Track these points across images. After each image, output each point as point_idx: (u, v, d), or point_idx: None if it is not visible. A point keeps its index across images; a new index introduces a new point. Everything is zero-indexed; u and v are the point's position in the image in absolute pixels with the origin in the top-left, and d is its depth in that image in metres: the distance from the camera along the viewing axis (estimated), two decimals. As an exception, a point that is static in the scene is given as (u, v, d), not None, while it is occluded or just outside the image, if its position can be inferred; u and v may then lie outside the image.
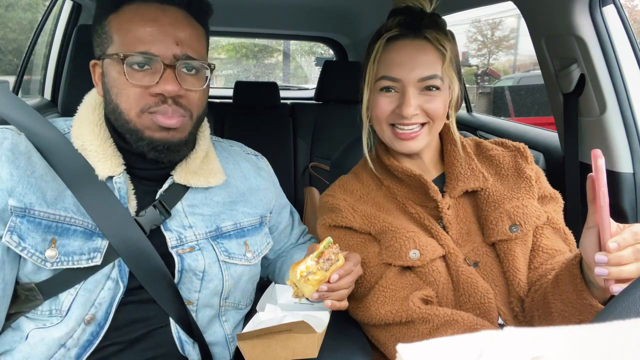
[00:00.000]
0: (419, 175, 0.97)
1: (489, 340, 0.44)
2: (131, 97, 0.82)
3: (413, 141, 0.95)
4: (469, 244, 0.96)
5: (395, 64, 0.92)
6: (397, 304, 0.90)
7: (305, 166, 2.67)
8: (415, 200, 0.99)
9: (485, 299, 0.90)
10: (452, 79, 0.94)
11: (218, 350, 0.96)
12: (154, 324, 0.88)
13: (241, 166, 1.05)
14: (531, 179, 0.98)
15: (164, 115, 0.83)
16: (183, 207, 0.92)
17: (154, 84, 0.82)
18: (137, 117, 0.83)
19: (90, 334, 0.83)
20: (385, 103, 0.94)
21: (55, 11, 2.21)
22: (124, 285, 0.85)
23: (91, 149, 0.86)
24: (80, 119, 0.89)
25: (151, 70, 0.82)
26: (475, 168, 0.99)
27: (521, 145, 1.03)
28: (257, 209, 1.03)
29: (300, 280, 0.80)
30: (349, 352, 0.92)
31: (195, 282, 0.91)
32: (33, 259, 0.78)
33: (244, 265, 0.97)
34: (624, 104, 1.33)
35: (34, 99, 2.18)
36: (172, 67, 0.82)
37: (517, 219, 0.93)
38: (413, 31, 0.93)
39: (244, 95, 2.73)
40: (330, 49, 3.50)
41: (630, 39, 1.32)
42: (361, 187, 1.03)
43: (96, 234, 0.83)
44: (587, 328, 0.47)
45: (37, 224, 0.79)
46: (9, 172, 0.78)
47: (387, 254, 0.94)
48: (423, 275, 0.92)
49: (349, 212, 0.99)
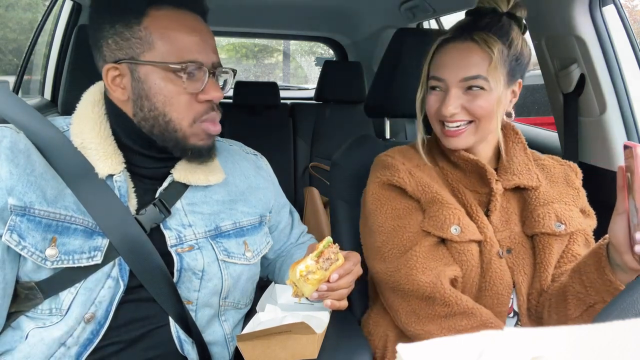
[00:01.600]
0: (477, 160, 1.00)
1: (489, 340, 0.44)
2: (182, 105, 0.85)
3: (457, 138, 0.98)
4: (507, 230, 1.00)
5: (442, 65, 0.98)
6: (428, 276, 0.93)
7: (305, 166, 2.67)
8: (467, 185, 1.03)
9: (505, 291, 0.96)
10: (498, 80, 0.95)
11: (217, 350, 0.96)
12: (153, 323, 0.88)
13: (241, 165, 1.05)
14: (579, 191, 1.04)
15: (213, 123, 0.88)
16: (183, 206, 0.92)
17: (200, 92, 0.85)
18: (189, 127, 0.86)
19: (90, 332, 0.83)
20: (433, 101, 1.00)
21: (55, 11, 2.21)
22: (124, 283, 0.84)
23: (91, 147, 0.85)
24: (79, 116, 0.88)
25: (195, 78, 0.84)
26: (532, 169, 1.03)
27: (572, 163, 1.09)
28: (256, 209, 1.03)
29: (300, 280, 0.80)
30: (349, 352, 0.92)
31: (195, 282, 0.91)
32: (33, 258, 0.78)
33: (243, 265, 0.97)
34: (624, 104, 1.33)
35: (34, 99, 2.18)
36: (213, 74, 0.87)
37: (563, 219, 0.98)
38: (462, 34, 0.97)
39: (244, 95, 2.73)
40: (330, 49, 3.50)
41: (630, 39, 1.32)
42: (419, 158, 1.07)
43: (97, 233, 0.83)
44: (587, 328, 0.47)
45: (37, 223, 0.79)
46: (8, 171, 0.78)
47: (430, 223, 0.97)
48: (456, 253, 0.96)
49: (405, 174, 1.02)
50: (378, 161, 1.09)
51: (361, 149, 1.27)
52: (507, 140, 1.05)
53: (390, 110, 1.41)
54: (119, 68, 0.84)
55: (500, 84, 0.95)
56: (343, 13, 2.62)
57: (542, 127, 1.90)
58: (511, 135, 1.05)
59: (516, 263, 0.98)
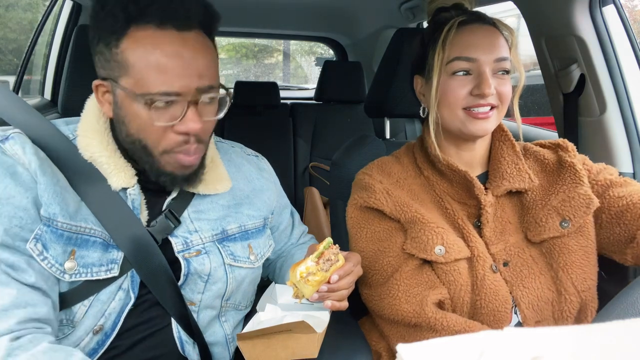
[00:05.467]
0: (465, 171, 0.95)
1: (489, 340, 0.44)
2: (154, 135, 0.80)
3: (486, 121, 0.92)
4: (501, 242, 0.95)
5: (471, 45, 0.91)
6: (411, 304, 0.90)
7: (305, 166, 2.67)
8: (454, 196, 0.98)
9: (502, 307, 0.89)
10: (518, 65, 0.94)
11: (218, 350, 0.96)
12: (156, 325, 0.88)
13: (243, 169, 1.04)
14: (574, 165, 0.96)
15: (186, 155, 0.82)
16: (189, 214, 0.92)
17: (177, 122, 0.78)
18: (160, 155, 0.82)
19: (96, 342, 0.83)
20: (458, 87, 0.91)
21: (55, 11, 2.21)
22: (135, 295, 0.84)
23: (101, 160, 0.84)
24: (84, 128, 0.86)
25: (174, 107, 0.78)
26: (522, 169, 0.98)
27: (560, 139, 1.03)
28: (261, 211, 1.02)
29: (300, 281, 0.80)
30: (349, 352, 0.92)
31: (200, 284, 0.91)
32: (52, 270, 0.77)
33: (247, 268, 0.97)
34: (624, 104, 1.33)
35: (34, 99, 2.18)
36: (195, 102, 0.79)
37: (565, 214, 0.92)
38: (479, 18, 0.94)
39: (244, 95, 2.73)
40: (330, 49, 3.49)
41: (630, 39, 1.32)
42: (400, 171, 1.02)
43: (112, 246, 0.83)
44: (587, 328, 0.47)
45: (59, 235, 0.77)
46: (40, 179, 0.76)
47: (412, 244, 0.93)
48: (442, 274, 0.91)
49: (382, 195, 0.97)
50: (356, 180, 1.05)
51: (361, 149, 1.27)
52: (495, 139, 1.01)
53: (390, 110, 1.41)
54: (106, 85, 0.82)
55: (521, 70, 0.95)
56: (343, 13, 2.62)
57: (542, 127, 1.90)
58: (498, 133, 1.01)
59: (514, 276, 0.92)
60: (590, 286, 0.92)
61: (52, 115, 1.90)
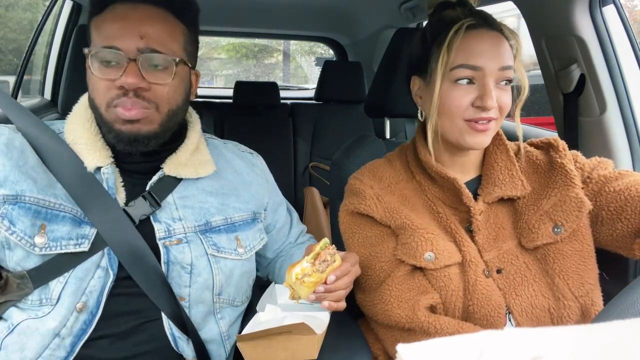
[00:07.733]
0: (453, 179, 0.93)
1: (489, 340, 0.44)
2: (100, 91, 0.86)
3: (484, 134, 0.90)
4: (495, 249, 0.93)
5: (477, 53, 0.87)
6: (404, 309, 0.90)
7: (305, 166, 2.66)
8: (445, 201, 0.97)
9: (495, 312, 0.88)
10: (522, 75, 0.92)
11: (214, 348, 0.96)
12: (145, 317, 0.89)
13: (233, 162, 1.06)
14: (564, 167, 0.94)
15: (124, 108, 0.85)
16: (174, 199, 0.94)
17: (118, 78, 0.84)
18: (105, 111, 0.87)
19: (83, 322, 0.85)
20: (460, 96, 0.88)
21: (55, 11, 2.21)
22: (114, 273, 0.86)
23: (81, 142, 0.90)
24: (74, 116, 0.94)
25: (117, 66, 0.85)
26: (515, 175, 0.95)
27: (552, 138, 1.00)
28: (248, 205, 1.03)
29: (296, 283, 0.80)
30: (349, 352, 0.92)
31: (184, 276, 0.92)
32: (22, 243, 0.81)
33: (234, 260, 0.97)
34: (624, 104, 1.33)
35: (34, 99, 2.18)
36: (135, 60, 0.85)
37: (557, 219, 0.90)
38: (486, 22, 0.91)
39: (244, 95, 2.73)
40: (330, 49, 3.49)
41: (630, 39, 1.32)
42: (392, 175, 1.01)
43: (85, 222, 0.86)
44: (587, 328, 0.47)
45: (27, 209, 0.82)
46: (1, 164, 0.83)
47: (402, 251, 0.92)
48: (433, 279, 0.91)
49: (372, 201, 0.97)
50: (348, 185, 1.04)
51: (361, 149, 1.27)
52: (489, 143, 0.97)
53: (390, 110, 1.41)
54: None
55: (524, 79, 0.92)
56: (343, 13, 2.62)
57: (542, 127, 1.89)
58: (493, 137, 0.97)
59: (507, 284, 0.90)
60: (589, 291, 0.90)
61: (52, 115, 1.90)
